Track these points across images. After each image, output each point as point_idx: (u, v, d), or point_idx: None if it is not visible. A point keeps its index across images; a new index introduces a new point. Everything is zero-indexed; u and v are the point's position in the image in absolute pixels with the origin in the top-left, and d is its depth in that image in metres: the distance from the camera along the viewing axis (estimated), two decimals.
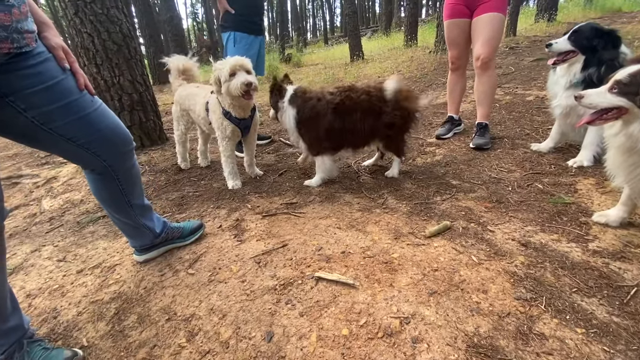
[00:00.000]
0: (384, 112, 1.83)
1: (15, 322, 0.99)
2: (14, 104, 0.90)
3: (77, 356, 1.02)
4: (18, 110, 0.91)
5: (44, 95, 0.93)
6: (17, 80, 0.89)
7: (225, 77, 1.74)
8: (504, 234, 1.41)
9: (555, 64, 1.86)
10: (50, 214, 2.10)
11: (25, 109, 0.91)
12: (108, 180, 1.16)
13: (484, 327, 0.98)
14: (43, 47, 0.95)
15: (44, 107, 0.94)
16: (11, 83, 0.88)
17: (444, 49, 5.96)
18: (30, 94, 0.91)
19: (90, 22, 2.60)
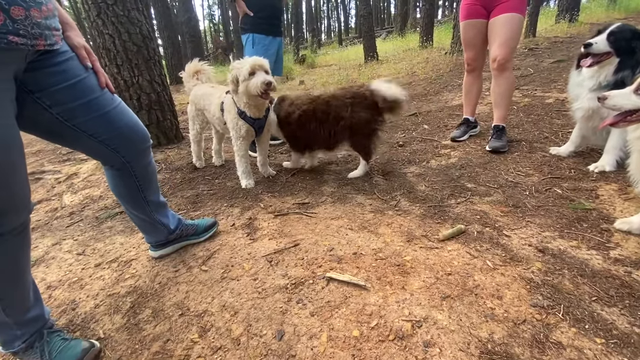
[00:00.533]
0: (344, 117, 1.99)
1: (36, 312, 1.03)
2: (40, 101, 0.93)
3: (94, 347, 1.05)
4: (44, 106, 0.94)
5: (68, 92, 0.96)
6: (44, 77, 0.92)
7: (244, 76, 1.77)
8: (521, 239, 1.38)
9: (592, 65, 1.75)
10: (70, 209, 2.17)
11: (50, 106, 0.95)
12: (126, 176, 1.20)
13: (499, 334, 0.96)
14: (67, 47, 0.99)
15: (68, 104, 0.97)
16: (38, 80, 0.92)
17: (460, 50, 5.87)
18: (56, 91, 0.94)
19: (112, 24, 2.68)
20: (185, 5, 11.53)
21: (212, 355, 1.00)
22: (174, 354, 1.03)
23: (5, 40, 0.76)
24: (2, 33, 0.75)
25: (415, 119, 3.31)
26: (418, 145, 2.59)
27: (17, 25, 0.78)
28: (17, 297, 0.97)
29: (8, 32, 0.76)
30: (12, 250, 0.93)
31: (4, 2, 0.74)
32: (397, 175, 2.12)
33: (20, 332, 0.99)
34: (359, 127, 2.00)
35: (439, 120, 3.12)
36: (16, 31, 0.78)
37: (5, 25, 0.75)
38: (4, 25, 0.75)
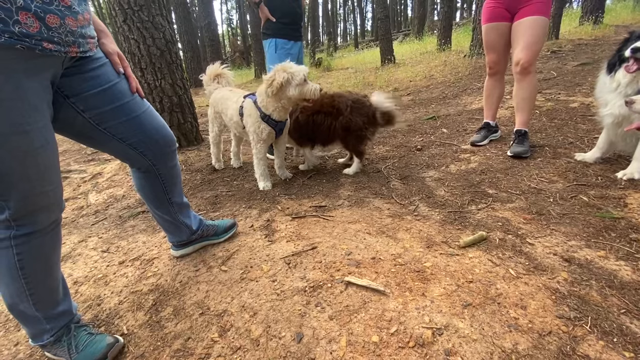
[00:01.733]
0: (343, 115, 2.12)
1: (65, 307, 1.07)
2: (74, 105, 0.97)
3: (118, 342, 1.08)
4: (77, 110, 0.99)
5: (101, 97, 1.00)
6: (79, 83, 0.96)
7: (299, 81, 1.85)
8: (545, 247, 1.34)
9: (638, 70, 1.65)
10: (95, 208, 2.25)
11: (84, 110, 0.99)
12: (152, 178, 1.24)
13: (523, 345, 0.94)
14: (101, 53, 1.03)
15: (100, 109, 1.01)
16: (74, 85, 0.96)
17: (479, 53, 5.78)
18: (89, 96, 0.98)
19: (137, 29, 2.78)
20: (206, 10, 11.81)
21: (231, 355, 1.02)
22: (194, 352, 1.05)
23: (40, 47, 0.80)
24: (37, 40, 0.78)
25: (433, 122, 3.28)
26: (437, 150, 2.55)
27: (52, 33, 0.81)
28: (47, 292, 1.01)
29: (43, 39, 0.79)
30: (46, 246, 0.97)
31: (40, 10, 0.77)
32: (415, 179, 2.10)
33: (49, 326, 1.03)
34: (353, 130, 2.13)
35: (458, 124, 3.08)
36: (51, 38, 0.81)
37: (40, 32, 0.78)
38: (40, 32, 0.78)
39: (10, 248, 0.91)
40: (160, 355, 1.05)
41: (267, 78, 1.87)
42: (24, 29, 0.76)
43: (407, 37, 15.10)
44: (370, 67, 8.24)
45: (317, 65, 9.93)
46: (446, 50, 7.86)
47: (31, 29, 0.77)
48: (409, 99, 4.47)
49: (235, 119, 2.15)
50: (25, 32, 0.76)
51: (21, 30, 0.75)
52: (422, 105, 4.05)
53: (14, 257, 0.91)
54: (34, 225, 0.91)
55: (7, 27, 0.73)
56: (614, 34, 6.38)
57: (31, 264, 0.95)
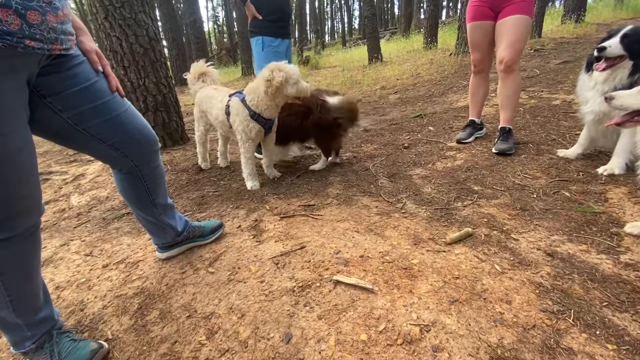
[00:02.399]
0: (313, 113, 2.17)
1: (46, 313, 1.04)
2: (51, 105, 0.94)
3: (103, 348, 1.06)
4: (55, 110, 0.95)
5: (79, 96, 0.97)
6: (56, 82, 0.93)
7: (295, 80, 1.89)
8: (529, 242, 1.36)
9: (605, 69, 1.72)
10: (78, 210, 2.19)
11: (61, 110, 0.96)
12: (134, 179, 1.20)
13: (508, 339, 0.95)
14: (79, 51, 1.00)
15: (79, 108, 0.98)
16: (51, 85, 0.92)
17: (465, 51, 5.86)
18: (67, 95, 0.95)
19: (119, 26, 2.70)
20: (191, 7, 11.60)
21: (220, 358, 1.00)
22: (181, 355, 1.03)
23: (23, 45, 0.77)
24: (19, 37, 0.76)
25: (420, 120, 3.31)
26: (423, 147, 2.58)
27: (33, 30, 0.78)
28: (27, 299, 0.98)
29: (25, 36, 0.77)
30: (24, 252, 0.94)
31: (20, 7, 0.74)
32: (402, 177, 2.11)
33: (31, 333, 1.00)
34: (323, 126, 2.17)
35: (444, 122, 3.11)
36: (33, 36, 0.78)
37: (22, 29, 0.76)
38: (21, 29, 0.76)
39: None
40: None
41: (264, 77, 1.85)
42: (5, 26, 0.73)
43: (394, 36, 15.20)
44: (357, 65, 8.27)
45: (304, 64, 9.90)
46: (432, 48, 7.95)
47: (12, 26, 0.74)
48: (396, 97, 4.50)
49: (221, 118, 2.12)
50: (7, 29, 0.73)
51: (2, 28, 0.73)
52: (409, 104, 4.09)
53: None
54: (12, 230, 0.88)
55: None
56: (596, 32, 6.57)
57: (10, 269, 0.91)
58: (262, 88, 1.88)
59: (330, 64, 9.94)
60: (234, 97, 2.02)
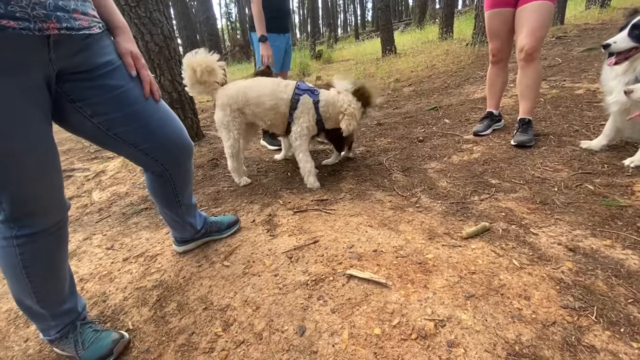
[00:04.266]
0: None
1: (70, 305, 1.08)
2: (81, 110, 0.93)
3: (124, 338, 1.09)
4: (85, 116, 0.94)
5: (109, 104, 0.96)
6: (87, 88, 0.92)
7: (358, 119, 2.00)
8: (549, 237, 1.32)
9: (617, 63, 1.67)
10: (99, 205, 2.26)
11: (91, 116, 0.95)
12: (163, 181, 1.21)
13: (527, 335, 0.93)
14: (114, 55, 0.97)
15: (109, 115, 0.96)
16: (80, 91, 0.91)
17: (482, 41, 5.68)
18: (97, 102, 0.94)
19: (134, 25, 2.75)
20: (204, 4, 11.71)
21: (235, 349, 1.02)
22: (198, 346, 1.06)
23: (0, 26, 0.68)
24: None
25: (435, 113, 3.24)
26: (439, 140, 2.53)
27: (11, 8, 0.69)
28: (51, 291, 1.02)
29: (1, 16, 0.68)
30: (48, 247, 0.97)
31: None
32: (417, 171, 2.08)
33: (54, 322, 1.04)
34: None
35: (460, 114, 3.04)
36: (11, 14, 0.70)
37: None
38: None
39: (13, 248, 0.91)
40: (165, 350, 1.06)
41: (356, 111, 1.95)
42: None
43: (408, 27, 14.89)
44: (370, 58, 8.15)
45: (317, 58, 9.84)
46: (448, 39, 7.74)
47: None
48: (411, 90, 4.42)
49: (283, 110, 1.95)
50: None
51: None
52: (423, 96, 4.01)
53: (17, 256, 0.91)
54: (35, 227, 0.91)
55: None
56: (622, 17, 6.22)
57: (34, 263, 0.95)
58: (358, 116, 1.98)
59: (343, 58, 9.85)
60: (306, 95, 1.95)
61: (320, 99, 1.97)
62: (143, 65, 1.04)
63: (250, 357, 0.99)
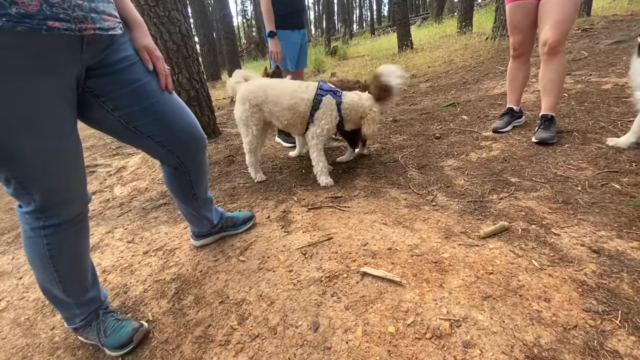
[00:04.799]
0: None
1: (93, 294, 1.13)
2: (104, 104, 0.98)
3: (143, 327, 1.13)
4: (107, 110, 0.99)
5: (129, 97, 1.00)
6: (108, 83, 0.96)
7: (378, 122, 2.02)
8: (572, 238, 1.28)
9: None
10: (120, 200, 2.34)
11: (113, 110, 0.99)
12: (180, 174, 1.25)
13: (546, 338, 0.91)
14: (131, 50, 1.01)
15: (129, 108, 1.01)
16: (103, 86, 0.96)
17: (502, 35, 5.51)
18: (118, 96, 0.98)
19: (154, 25, 2.82)
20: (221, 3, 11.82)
21: (250, 342, 1.04)
22: (215, 338, 1.08)
23: (45, 27, 0.73)
24: (40, 19, 0.72)
25: (453, 109, 3.17)
26: (456, 137, 2.48)
27: (55, 10, 0.74)
28: (76, 280, 1.07)
29: (46, 17, 0.72)
30: (73, 237, 1.02)
31: None
32: (433, 168, 2.05)
33: (79, 311, 1.09)
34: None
35: (479, 111, 2.96)
36: (55, 15, 0.74)
37: (42, 10, 0.72)
38: (41, 11, 0.72)
39: (41, 238, 0.96)
40: (183, 341, 1.10)
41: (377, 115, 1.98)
42: (22, 9, 0.69)
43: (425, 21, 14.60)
44: (386, 53, 8.05)
45: (332, 54, 9.80)
46: (467, 33, 7.54)
47: (30, 7, 0.70)
48: (427, 86, 4.34)
49: (303, 109, 1.94)
50: (24, 12, 0.69)
51: (19, 11, 0.69)
52: (441, 92, 3.93)
53: (44, 246, 0.96)
54: (60, 217, 0.96)
55: (3, 10, 0.67)
56: None
57: (60, 253, 0.99)
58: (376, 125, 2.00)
59: (358, 54, 9.76)
60: (329, 95, 1.94)
61: (343, 101, 1.96)
62: (158, 58, 1.07)
63: (264, 350, 1.01)
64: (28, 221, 0.95)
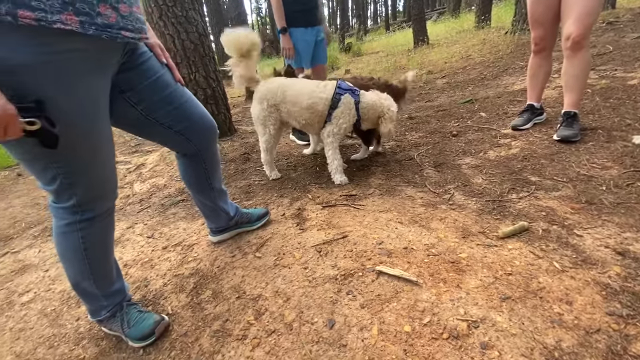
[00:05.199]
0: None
1: (118, 286, 1.18)
2: (128, 99, 1.03)
3: (164, 321, 1.17)
4: (131, 104, 1.04)
5: (150, 89, 1.05)
6: (132, 77, 1.01)
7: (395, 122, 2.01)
8: (595, 239, 1.24)
9: None
10: (140, 196, 2.41)
11: (136, 103, 1.05)
12: (196, 162, 1.30)
13: (568, 342, 0.89)
14: (145, 47, 1.08)
15: (150, 100, 1.06)
16: (128, 80, 1.01)
17: (523, 29, 5.35)
18: (141, 89, 1.04)
19: (172, 24, 2.87)
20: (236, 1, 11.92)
21: (266, 338, 1.06)
22: (232, 333, 1.11)
23: (120, 36, 0.84)
24: (117, 29, 0.83)
25: (470, 106, 3.11)
26: (474, 135, 2.43)
27: (126, 21, 0.85)
28: (104, 272, 1.12)
29: (120, 28, 0.84)
30: (103, 230, 1.07)
31: (114, 0, 0.81)
32: (450, 167, 2.02)
33: (106, 302, 1.14)
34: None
35: (497, 107, 2.89)
36: (126, 26, 0.85)
37: (117, 22, 0.83)
38: (117, 22, 0.83)
39: (77, 232, 1.01)
40: (201, 335, 1.13)
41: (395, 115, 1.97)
42: (105, 20, 0.80)
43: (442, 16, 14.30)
44: (402, 49, 7.94)
45: (346, 51, 9.73)
46: (485, 27, 7.35)
47: (110, 19, 0.81)
48: (444, 82, 4.26)
49: (321, 108, 1.93)
50: (107, 22, 0.80)
51: (103, 21, 0.80)
52: (458, 88, 3.85)
53: (79, 239, 1.02)
54: (94, 211, 1.01)
55: (92, 19, 0.78)
56: None
57: (93, 246, 1.05)
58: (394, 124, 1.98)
59: (372, 50, 9.67)
60: (348, 94, 1.93)
61: (362, 100, 1.95)
62: (168, 55, 1.16)
63: (281, 346, 1.03)
64: (63, 216, 1.00)
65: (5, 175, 3.68)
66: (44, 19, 0.71)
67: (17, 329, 1.32)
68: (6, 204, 2.78)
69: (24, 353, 1.20)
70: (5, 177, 3.64)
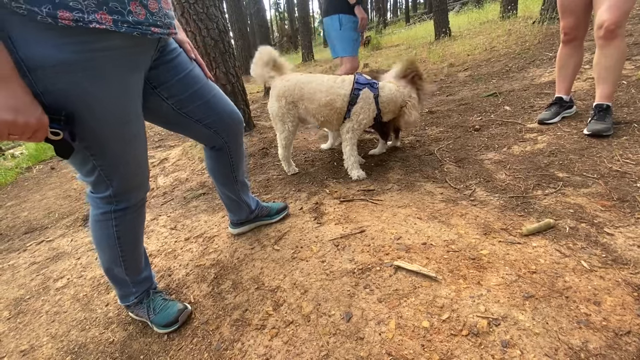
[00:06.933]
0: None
1: (146, 274, 1.24)
2: (160, 94, 1.07)
3: (187, 309, 1.22)
4: (163, 99, 1.08)
5: (180, 84, 1.08)
6: (164, 73, 1.04)
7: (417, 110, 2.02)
8: (627, 238, 1.18)
9: None
10: (163, 190, 2.49)
11: (167, 98, 1.08)
12: (223, 155, 1.33)
13: (595, 343, 0.85)
14: (175, 43, 1.10)
15: (181, 95, 1.09)
16: (159, 76, 1.04)
17: (552, 18, 5.10)
18: (172, 84, 1.07)
19: (193, 21, 2.92)
20: None
21: (285, 328, 1.08)
22: (251, 322, 1.14)
23: (150, 32, 0.85)
24: (146, 26, 0.84)
25: (494, 99, 3.00)
26: (497, 129, 2.35)
27: (154, 18, 0.86)
28: (135, 260, 1.17)
29: (150, 24, 0.85)
30: (135, 220, 1.12)
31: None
32: (472, 162, 1.96)
33: (135, 289, 1.20)
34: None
35: (523, 101, 2.78)
36: (155, 23, 0.87)
37: (147, 18, 0.84)
38: (147, 18, 0.84)
39: (111, 220, 1.06)
40: (222, 324, 1.16)
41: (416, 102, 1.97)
42: (136, 17, 0.81)
43: (464, 7, 13.82)
44: (422, 42, 7.75)
45: (365, 44, 9.59)
46: (511, 17, 7.05)
47: (140, 16, 0.82)
48: (466, 75, 4.13)
49: (339, 105, 1.91)
50: (137, 19, 0.82)
51: (134, 18, 0.81)
52: (481, 81, 3.73)
53: (113, 228, 1.07)
54: (128, 202, 1.06)
55: (124, 17, 0.79)
56: None
57: (125, 234, 1.10)
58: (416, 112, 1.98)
59: (392, 43, 9.50)
60: (367, 89, 1.90)
61: (381, 94, 1.92)
62: (196, 52, 1.19)
63: (298, 337, 1.04)
64: (100, 206, 1.05)
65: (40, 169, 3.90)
66: (81, 19, 0.73)
67: (52, 312, 1.40)
68: (41, 195, 2.96)
69: (58, 335, 1.28)
70: (40, 170, 3.85)
